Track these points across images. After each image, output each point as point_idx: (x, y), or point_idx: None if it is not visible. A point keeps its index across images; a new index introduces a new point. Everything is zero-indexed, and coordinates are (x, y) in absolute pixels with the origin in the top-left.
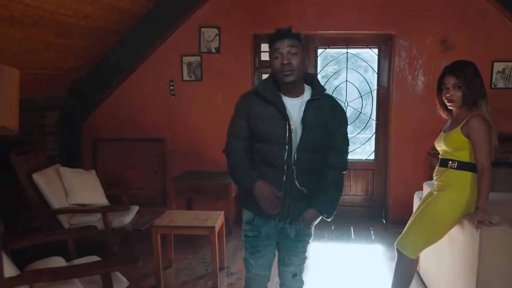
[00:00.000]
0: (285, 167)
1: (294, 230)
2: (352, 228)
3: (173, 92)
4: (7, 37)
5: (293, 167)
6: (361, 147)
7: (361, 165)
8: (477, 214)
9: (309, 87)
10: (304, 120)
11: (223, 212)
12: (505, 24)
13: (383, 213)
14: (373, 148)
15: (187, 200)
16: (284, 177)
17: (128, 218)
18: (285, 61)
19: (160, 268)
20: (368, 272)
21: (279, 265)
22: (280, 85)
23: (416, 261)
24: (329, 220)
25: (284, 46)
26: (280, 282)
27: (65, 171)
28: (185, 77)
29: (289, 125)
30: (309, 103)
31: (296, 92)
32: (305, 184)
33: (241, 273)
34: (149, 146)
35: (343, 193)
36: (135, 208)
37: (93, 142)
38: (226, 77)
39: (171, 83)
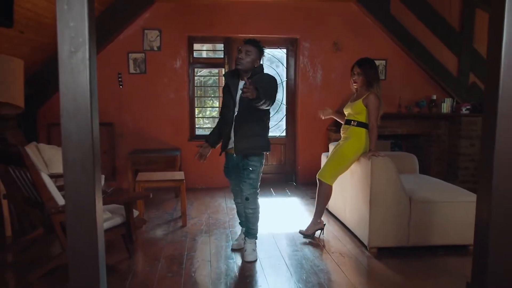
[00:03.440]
0: (233, 122)
1: (242, 163)
2: (271, 188)
3: (121, 83)
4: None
5: (234, 121)
6: (275, 126)
7: (275, 140)
8: (370, 152)
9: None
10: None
11: (183, 172)
12: (379, 32)
13: (293, 177)
14: (284, 127)
15: (136, 173)
16: (232, 128)
17: (103, 181)
18: (240, 56)
19: (140, 214)
20: (291, 214)
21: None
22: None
23: (331, 187)
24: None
25: (244, 47)
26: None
27: (43, 146)
28: (131, 71)
29: (234, 99)
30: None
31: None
32: (242, 127)
33: (199, 217)
34: (100, 129)
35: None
36: (103, 176)
37: (48, 127)
38: (166, 70)
39: (119, 76)
